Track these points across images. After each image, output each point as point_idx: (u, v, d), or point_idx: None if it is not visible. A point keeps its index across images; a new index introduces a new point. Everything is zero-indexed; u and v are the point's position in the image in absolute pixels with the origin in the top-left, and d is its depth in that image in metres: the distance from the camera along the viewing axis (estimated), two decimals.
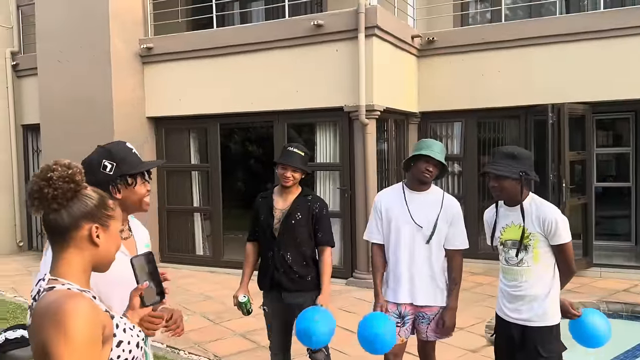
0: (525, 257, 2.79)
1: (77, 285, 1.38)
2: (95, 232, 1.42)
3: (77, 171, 1.40)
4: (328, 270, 3.30)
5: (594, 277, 7.14)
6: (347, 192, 7.13)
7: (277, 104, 7.35)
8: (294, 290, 3.27)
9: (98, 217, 1.43)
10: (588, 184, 7.49)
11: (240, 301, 3.33)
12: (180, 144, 8.46)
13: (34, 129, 9.43)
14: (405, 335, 3.15)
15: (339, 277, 7.12)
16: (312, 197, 3.36)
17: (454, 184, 8.35)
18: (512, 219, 2.85)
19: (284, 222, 3.26)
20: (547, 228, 2.74)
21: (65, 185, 1.37)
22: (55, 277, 1.39)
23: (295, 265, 3.27)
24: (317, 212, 3.29)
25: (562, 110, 6.96)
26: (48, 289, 1.35)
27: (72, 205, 1.39)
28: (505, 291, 2.90)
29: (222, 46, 7.60)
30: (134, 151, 2.03)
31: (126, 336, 1.43)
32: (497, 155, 2.87)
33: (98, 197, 1.45)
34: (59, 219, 1.39)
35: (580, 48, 7.08)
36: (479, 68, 7.63)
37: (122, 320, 1.45)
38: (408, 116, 8.09)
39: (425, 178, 3.07)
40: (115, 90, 7.73)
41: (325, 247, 3.31)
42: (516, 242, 2.82)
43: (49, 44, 8.18)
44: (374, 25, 6.63)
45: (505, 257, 2.88)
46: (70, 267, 1.40)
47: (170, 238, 8.48)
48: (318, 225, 3.29)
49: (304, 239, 3.28)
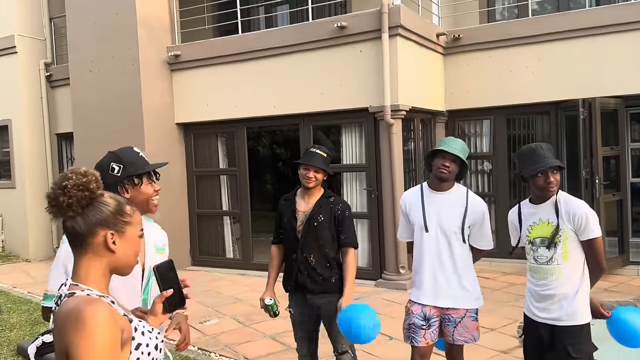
0: (555, 255, 2.74)
1: (97, 291, 1.42)
2: (111, 238, 1.44)
3: (93, 179, 1.43)
4: (352, 272, 3.28)
5: (630, 275, 6.94)
6: (373, 193, 7.11)
7: (302, 107, 7.38)
8: (318, 292, 3.28)
9: (113, 224, 1.45)
10: (623, 179, 7.29)
11: (267, 304, 3.36)
12: (209, 149, 8.58)
13: (67, 137, 9.69)
14: (432, 338, 3.10)
15: (368, 279, 7.11)
16: (335, 198, 3.35)
17: (484, 182, 8.24)
18: (540, 216, 2.80)
19: (307, 224, 3.26)
20: (578, 223, 2.70)
21: (79, 193, 1.40)
22: (76, 282, 1.43)
23: (319, 267, 3.27)
24: (340, 213, 3.28)
25: (594, 105, 6.80)
26: (69, 294, 1.39)
27: (88, 212, 1.42)
28: (533, 291, 2.85)
29: (248, 51, 7.68)
30: (140, 155, 2.17)
31: (145, 339, 1.45)
32: (546, 150, 2.78)
33: (114, 203, 1.48)
34: (75, 226, 1.43)
35: (611, 41, 6.90)
36: (507, 64, 7.52)
37: (140, 323, 1.48)
38: (435, 115, 8.02)
39: (443, 174, 3.02)
40: (145, 98, 7.89)
41: (349, 248, 3.29)
42: (545, 239, 2.77)
43: (80, 55, 8.40)
44: (398, 25, 6.59)
45: (534, 256, 2.82)
46: (89, 272, 1.44)
47: (201, 242, 8.60)
48: (341, 227, 3.28)
49: (327, 241, 3.28)
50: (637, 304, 5.57)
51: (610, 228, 7.02)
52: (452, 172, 3.05)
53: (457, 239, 3.06)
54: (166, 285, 1.64)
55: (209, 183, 8.60)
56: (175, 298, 1.65)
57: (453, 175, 3.07)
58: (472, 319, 3.09)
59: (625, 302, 5.70)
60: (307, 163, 3.24)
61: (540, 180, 2.74)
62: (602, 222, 6.79)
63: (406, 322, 3.16)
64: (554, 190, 2.77)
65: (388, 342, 4.95)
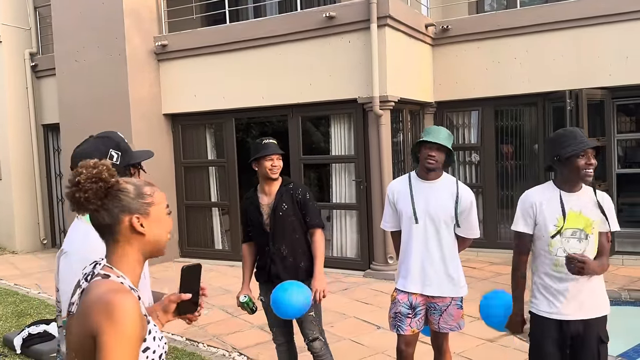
0: (588, 248, 2.60)
1: (129, 281, 1.42)
2: (137, 221, 1.44)
3: (104, 169, 1.41)
4: (320, 252, 3.33)
5: (616, 265, 7.01)
6: (362, 184, 7.12)
7: (290, 98, 7.35)
8: (288, 279, 3.28)
9: (136, 208, 1.45)
10: (609, 170, 7.35)
11: (241, 301, 3.36)
12: (197, 140, 8.53)
13: (54, 128, 9.60)
14: (418, 326, 3.12)
15: (357, 269, 7.14)
16: (293, 184, 3.39)
17: (472, 173, 8.27)
18: (570, 206, 2.62)
19: (272, 216, 3.30)
20: (610, 214, 2.62)
21: (94, 185, 1.39)
22: (112, 265, 1.43)
23: (291, 256, 3.33)
24: (301, 197, 3.32)
25: (580, 96, 6.84)
26: (104, 275, 1.39)
27: (108, 202, 1.42)
28: (560, 287, 2.64)
29: (235, 41, 7.62)
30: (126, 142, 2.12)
31: (154, 344, 1.44)
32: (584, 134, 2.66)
33: (132, 187, 1.47)
34: (100, 218, 1.43)
35: (598, 32, 6.93)
36: (495, 55, 7.53)
37: (155, 327, 1.47)
38: (423, 106, 8.03)
39: (430, 165, 3.03)
40: (131, 88, 7.82)
41: (315, 229, 3.34)
42: (577, 230, 2.60)
43: (66, 45, 8.30)
44: (386, 15, 6.58)
45: (565, 248, 2.60)
46: (123, 259, 1.44)
47: (190, 233, 8.58)
48: (304, 210, 3.33)
49: (295, 228, 3.33)
50: (622, 293, 5.65)
51: None
52: (440, 162, 3.05)
53: (445, 227, 3.07)
54: (186, 289, 1.62)
55: (197, 174, 8.56)
56: (190, 303, 1.63)
57: (440, 165, 3.08)
58: (457, 307, 3.12)
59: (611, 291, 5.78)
60: (271, 153, 3.26)
61: (581, 162, 2.56)
62: None
63: (392, 311, 3.17)
64: (591, 175, 2.59)
65: (376, 331, 4.99)
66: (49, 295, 6.48)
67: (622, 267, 6.93)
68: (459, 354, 4.25)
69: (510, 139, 7.93)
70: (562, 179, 2.68)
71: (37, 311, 5.92)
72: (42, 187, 9.78)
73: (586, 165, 2.56)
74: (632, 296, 5.61)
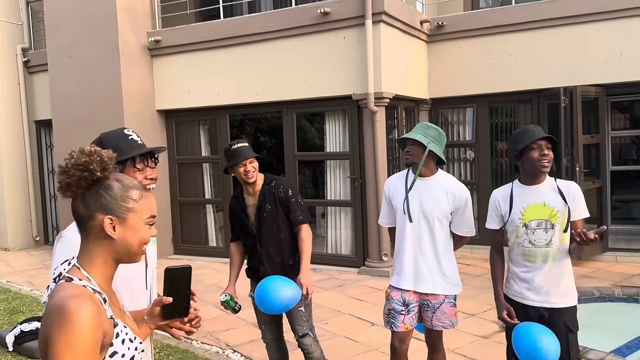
0: (554, 237, 2.73)
1: (95, 282, 1.36)
2: (110, 224, 1.37)
3: (96, 160, 1.35)
4: (307, 248, 3.25)
5: (609, 261, 7.05)
6: (357, 181, 7.11)
7: (285, 94, 7.33)
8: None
9: (113, 210, 1.38)
10: (603, 167, 7.37)
11: (222, 300, 3.28)
12: (191, 136, 8.48)
13: (46, 124, 9.52)
14: (411, 323, 3.10)
15: (351, 266, 7.13)
16: (275, 182, 3.30)
17: (467, 170, 8.28)
18: (534, 198, 2.76)
19: (258, 217, 3.26)
20: (577, 203, 2.73)
21: (78, 173, 1.34)
22: (80, 265, 1.38)
23: (280, 255, 3.28)
24: (282, 195, 3.25)
25: (575, 93, 6.85)
26: (67, 278, 1.34)
27: (88, 195, 1.37)
28: (526, 275, 2.80)
29: (229, 37, 7.58)
30: (130, 137, 1.95)
31: (123, 348, 1.38)
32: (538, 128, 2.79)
33: (119, 187, 1.40)
34: (76, 207, 1.38)
35: (593, 29, 6.94)
36: (490, 52, 7.53)
37: (124, 330, 1.40)
38: (418, 103, 8.02)
39: (406, 160, 3.06)
40: (124, 84, 7.76)
41: (301, 225, 3.27)
42: (542, 221, 2.73)
43: (58, 40, 8.23)
44: (381, 11, 6.55)
45: (531, 239, 2.76)
46: (91, 257, 1.39)
47: (183, 230, 8.54)
48: (287, 207, 3.26)
49: (280, 228, 3.27)
50: (615, 290, 5.67)
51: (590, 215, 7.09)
52: (416, 156, 3.00)
53: (439, 225, 3.05)
54: (172, 292, 1.54)
55: (191, 171, 8.52)
56: (177, 307, 1.55)
57: (418, 159, 2.99)
58: (450, 305, 3.10)
59: (605, 287, 5.80)
60: (242, 160, 3.17)
61: (534, 154, 2.70)
62: None
63: (386, 308, 3.16)
64: (548, 166, 2.72)
65: (370, 327, 4.98)
66: (42, 293, 6.44)
67: (615, 263, 6.96)
68: (452, 350, 4.25)
69: (505, 136, 7.93)
70: (524, 174, 2.84)
71: (29, 308, 5.88)
72: (34, 184, 9.72)
73: (540, 156, 2.70)
74: (625, 293, 5.63)
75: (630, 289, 5.69)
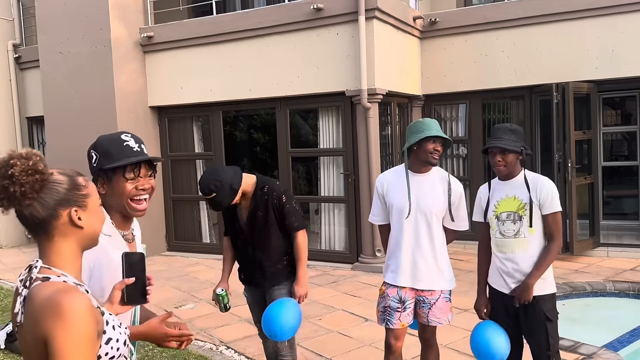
0: (522, 228, 2.87)
1: (72, 277, 1.36)
2: (76, 214, 1.37)
3: (38, 159, 1.33)
4: (303, 255, 3.19)
5: (600, 256, 7.10)
6: (350, 177, 7.11)
7: (278, 90, 7.31)
8: (269, 286, 3.23)
9: (73, 200, 1.38)
10: (594, 163, 7.41)
11: (218, 293, 3.25)
12: (184, 133, 8.46)
13: (38, 121, 9.46)
14: (407, 320, 3.11)
15: (345, 262, 7.15)
16: (268, 188, 3.16)
17: (460, 166, 8.30)
18: (506, 192, 2.94)
19: (250, 222, 3.17)
20: (544, 197, 2.84)
21: (30, 178, 1.30)
22: (49, 266, 1.35)
23: (269, 261, 3.21)
24: (276, 202, 3.12)
25: (567, 89, 6.88)
26: (43, 278, 1.31)
27: (44, 195, 1.33)
28: (502, 264, 2.94)
29: (222, 33, 7.55)
30: (126, 144, 1.80)
31: (115, 333, 1.40)
32: (500, 131, 2.93)
33: (67, 179, 1.39)
34: (34, 213, 1.33)
35: (585, 25, 6.97)
36: (483, 49, 7.55)
37: (111, 316, 1.42)
38: (411, 99, 8.02)
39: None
40: (117, 80, 7.72)
41: (297, 232, 3.19)
42: (511, 213, 2.90)
43: (49, 36, 8.17)
44: (374, 7, 6.55)
45: (501, 230, 2.93)
46: (61, 256, 1.37)
47: (177, 227, 8.52)
48: (282, 215, 3.15)
49: (272, 234, 3.18)
50: (607, 285, 5.71)
51: (581, 211, 7.16)
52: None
53: (436, 221, 3.06)
54: (130, 275, 1.59)
55: (184, 168, 8.49)
56: (137, 291, 1.60)
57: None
58: (446, 300, 3.11)
59: (596, 282, 5.84)
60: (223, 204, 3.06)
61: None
62: (574, 204, 6.92)
63: (381, 305, 3.15)
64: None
65: (364, 323, 5.00)
66: None
67: (606, 258, 7.01)
68: (446, 345, 4.28)
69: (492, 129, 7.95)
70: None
71: None
72: None
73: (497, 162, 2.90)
74: (616, 287, 5.67)
75: (621, 284, 5.73)
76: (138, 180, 1.80)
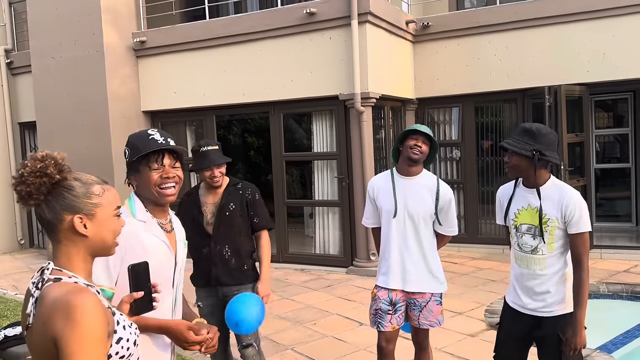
0: (540, 245, 2.59)
1: (82, 278, 1.38)
2: (80, 222, 1.39)
3: (50, 163, 1.36)
4: (267, 255, 3.22)
5: (594, 258, 7.11)
6: (344, 181, 7.11)
7: (272, 95, 7.31)
8: (233, 284, 3.18)
9: (80, 208, 1.40)
10: (587, 165, 7.45)
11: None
12: (177, 137, 8.40)
13: (30, 126, 9.41)
14: (398, 322, 3.11)
15: (339, 266, 7.14)
16: (242, 184, 3.25)
17: (453, 170, 8.32)
18: (530, 202, 2.62)
19: (218, 216, 3.14)
20: (570, 214, 2.52)
21: (37, 180, 1.34)
22: (59, 267, 1.38)
23: (234, 257, 3.18)
24: (250, 198, 3.20)
25: (559, 92, 6.91)
26: (54, 279, 1.34)
27: (51, 199, 1.38)
28: (519, 279, 2.69)
29: (215, 37, 7.54)
30: (151, 137, 1.92)
31: (125, 333, 1.42)
32: (517, 131, 2.66)
33: (80, 186, 1.41)
34: (42, 214, 1.39)
35: (576, 29, 7.01)
36: (475, 52, 7.58)
37: (122, 317, 1.44)
38: (405, 103, 8.04)
39: (415, 155, 3.00)
40: (109, 85, 7.69)
41: (262, 231, 3.23)
42: (532, 227, 2.61)
43: (41, 41, 8.14)
44: (367, 12, 6.57)
45: (519, 243, 2.66)
46: (69, 258, 1.40)
47: None
48: (253, 211, 3.20)
49: (241, 229, 3.18)
50: (600, 286, 5.73)
51: None
52: (424, 154, 3.03)
53: (424, 224, 3.07)
54: (138, 287, 1.61)
55: None
56: (144, 301, 1.61)
57: (424, 157, 3.05)
58: (436, 303, 3.12)
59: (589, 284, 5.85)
60: (209, 165, 3.08)
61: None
62: None
63: (372, 308, 3.16)
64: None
65: (358, 327, 4.99)
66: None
67: (600, 260, 7.04)
68: (440, 349, 4.27)
69: (491, 135, 7.99)
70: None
71: (14, 313, 5.81)
72: None
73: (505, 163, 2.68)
74: (610, 289, 5.69)
75: (615, 286, 5.75)
76: (163, 169, 1.93)
